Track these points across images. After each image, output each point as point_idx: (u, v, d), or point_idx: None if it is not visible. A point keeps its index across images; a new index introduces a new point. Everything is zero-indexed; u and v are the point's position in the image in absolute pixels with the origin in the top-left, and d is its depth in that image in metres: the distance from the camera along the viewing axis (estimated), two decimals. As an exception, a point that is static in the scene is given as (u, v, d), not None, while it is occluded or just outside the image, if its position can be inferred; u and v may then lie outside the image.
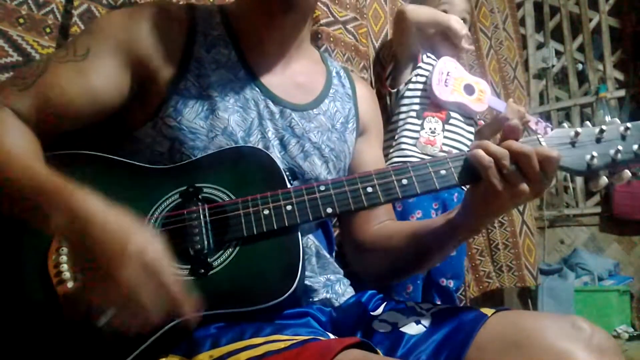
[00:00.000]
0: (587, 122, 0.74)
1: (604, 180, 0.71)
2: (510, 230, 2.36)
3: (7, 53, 0.99)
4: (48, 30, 1.05)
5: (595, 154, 0.70)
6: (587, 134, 0.72)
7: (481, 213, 0.73)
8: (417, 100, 1.66)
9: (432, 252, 0.84)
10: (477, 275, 2.31)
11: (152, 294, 0.57)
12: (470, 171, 0.71)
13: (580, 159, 0.71)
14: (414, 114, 1.64)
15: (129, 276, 0.56)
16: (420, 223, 0.88)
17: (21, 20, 1.01)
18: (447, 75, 1.63)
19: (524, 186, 0.68)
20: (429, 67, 1.67)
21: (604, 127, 0.71)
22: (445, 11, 1.69)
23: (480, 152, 0.69)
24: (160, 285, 0.58)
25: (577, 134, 0.72)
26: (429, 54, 1.71)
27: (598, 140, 0.71)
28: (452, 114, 1.66)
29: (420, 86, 1.67)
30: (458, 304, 1.79)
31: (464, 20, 1.71)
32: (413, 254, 0.85)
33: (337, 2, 1.70)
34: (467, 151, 0.72)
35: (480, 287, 2.30)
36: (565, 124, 0.75)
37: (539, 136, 0.72)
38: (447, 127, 1.63)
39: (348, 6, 1.75)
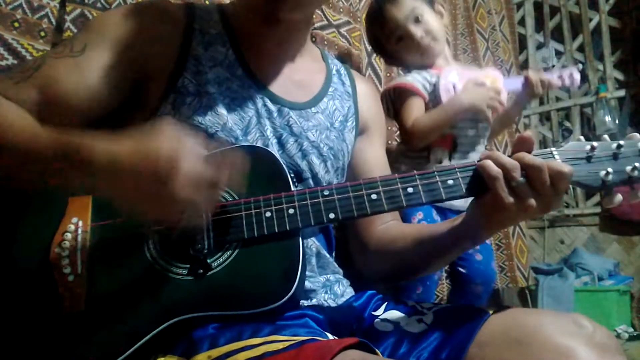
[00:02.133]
0: (605, 136, 0.72)
1: (619, 198, 0.69)
2: (503, 231, 2.37)
3: (2, 56, 1.00)
4: (42, 34, 1.06)
5: (610, 170, 0.68)
6: (604, 149, 0.70)
7: (486, 224, 0.72)
8: None
9: (435, 257, 0.84)
10: (473, 276, 2.34)
11: (204, 189, 0.59)
12: (479, 182, 0.69)
13: (594, 175, 0.69)
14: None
15: (180, 187, 0.57)
16: (425, 228, 0.87)
17: (16, 24, 1.03)
18: (454, 87, 1.46)
19: (532, 201, 0.66)
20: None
21: (622, 142, 0.69)
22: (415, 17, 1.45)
23: (489, 163, 0.67)
24: (207, 180, 0.59)
25: (593, 148, 0.69)
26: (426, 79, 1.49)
27: (615, 156, 0.69)
28: (460, 135, 1.48)
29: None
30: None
31: (417, 19, 1.45)
32: (417, 257, 0.85)
33: (331, 6, 1.73)
34: (477, 161, 0.70)
35: (478, 287, 2.33)
36: (581, 137, 0.72)
37: (553, 149, 0.70)
38: (455, 155, 1.49)
39: (341, 10, 1.77)
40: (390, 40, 1.51)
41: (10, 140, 0.66)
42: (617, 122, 2.89)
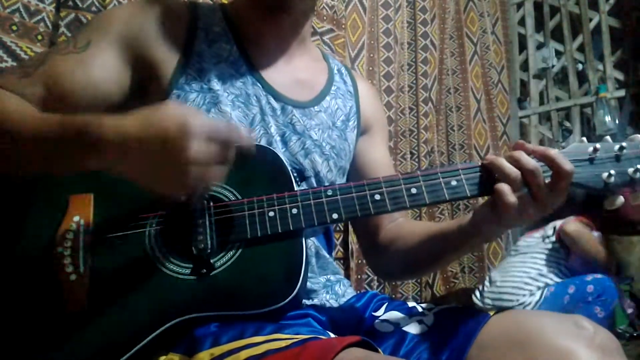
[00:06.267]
0: (608, 137, 0.72)
1: (620, 199, 0.69)
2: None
3: (1, 59, 1.01)
4: (40, 37, 1.07)
5: (613, 172, 0.68)
6: (606, 151, 0.69)
7: (492, 222, 0.72)
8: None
9: (445, 254, 0.84)
10: (445, 275, 2.41)
11: (218, 149, 0.58)
12: (482, 183, 0.69)
13: (597, 177, 0.69)
14: None
15: (195, 150, 0.56)
16: (435, 225, 0.87)
17: (14, 28, 1.04)
18: None
19: (531, 209, 0.67)
20: None
21: (624, 144, 0.69)
22: None
23: (504, 186, 0.67)
24: (220, 139, 0.58)
25: (595, 149, 0.69)
26: None
27: (617, 158, 0.69)
28: None
29: None
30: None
31: None
32: (427, 255, 0.86)
33: (315, 13, 1.80)
34: (481, 163, 0.70)
35: (447, 286, 2.39)
36: (584, 138, 0.72)
37: (556, 151, 0.69)
38: None
39: (325, 18, 1.82)
40: None
41: (15, 124, 0.65)
42: (617, 122, 2.89)
